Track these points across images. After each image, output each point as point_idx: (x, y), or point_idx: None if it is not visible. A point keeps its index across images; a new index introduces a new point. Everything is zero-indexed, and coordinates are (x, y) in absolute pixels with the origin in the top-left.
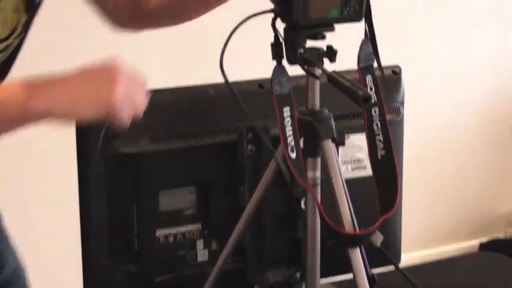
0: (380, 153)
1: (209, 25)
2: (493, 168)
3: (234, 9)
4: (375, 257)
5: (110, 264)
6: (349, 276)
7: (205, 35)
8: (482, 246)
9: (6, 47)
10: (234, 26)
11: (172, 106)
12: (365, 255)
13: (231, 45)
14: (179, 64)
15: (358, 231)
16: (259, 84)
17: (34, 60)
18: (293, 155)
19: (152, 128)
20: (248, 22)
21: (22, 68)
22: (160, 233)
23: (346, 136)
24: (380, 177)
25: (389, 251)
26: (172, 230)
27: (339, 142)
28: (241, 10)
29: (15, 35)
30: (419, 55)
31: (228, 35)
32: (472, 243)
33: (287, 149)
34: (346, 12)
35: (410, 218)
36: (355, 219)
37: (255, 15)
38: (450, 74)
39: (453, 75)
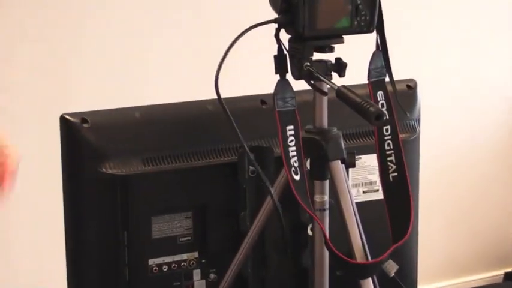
0: (392, 175)
1: (210, 36)
2: None
3: (236, 20)
4: None
5: None
6: None
7: (205, 46)
8: (507, 277)
9: None
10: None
11: (167, 123)
12: (378, 286)
13: (232, 59)
14: (176, 78)
15: (369, 260)
16: (262, 99)
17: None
18: (297, 177)
19: (144, 147)
20: (250, 33)
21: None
22: (153, 262)
23: (357, 157)
24: (392, 202)
25: (404, 282)
26: (167, 259)
27: (349, 163)
28: (243, 22)
29: None
30: (437, 68)
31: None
32: (496, 274)
33: (290, 171)
34: (356, 23)
35: (428, 245)
36: (366, 248)
37: (257, 25)
38: (471, 89)
39: (475, 90)
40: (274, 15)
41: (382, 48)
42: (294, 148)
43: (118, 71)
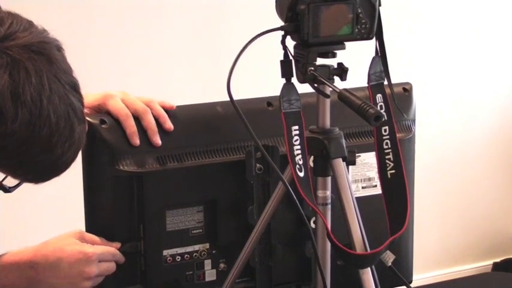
0: (390, 172)
1: (219, 41)
2: (507, 188)
3: (245, 26)
4: (386, 277)
5: (116, 285)
6: None
7: (215, 51)
8: (496, 266)
9: None
10: (244, 43)
11: (180, 124)
12: (376, 275)
13: (240, 63)
14: (188, 81)
15: (368, 251)
16: (268, 102)
17: None
18: (301, 174)
19: (159, 146)
20: (258, 40)
21: None
22: (167, 252)
23: (356, 155)
24: (390, 197)
25: (401, 271)
26: (180, 250)
27: (350, 161)
28: (253, 28)
29: None
30: (431, 72)
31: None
32: (485, 264)
33: (295, 168)
34: (357, 30)
35: (422, 237)
36: (366, 239)
37: (265, 32)
38: (463, 92)
39: (466, 92)
40: (281, 23)
41: (381, 54)
42: (298, 147)
43: (132, 76)
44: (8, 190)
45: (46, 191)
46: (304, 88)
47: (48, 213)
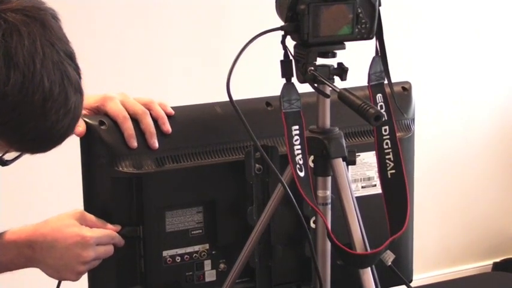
0: (390, 172)
1: (219, 42)
2: (507, 188)
3: (245, 26)
4: (386, 277)
5: (116, 286)
6: None
7: (214, 51)
8: (496, 266)
9: None
10: (244, 43)
11: (179, 125)
12: (376, 275)
13: (240, 63)
14: (187, 81)
15: (368, 251)
16: (267, 102)
17: None
18: (301, 174)
19: (157, 147)
20: (258, 40)
21: None
22: (167, 253)
23: (356, 154)
24: (390, 197)
25: (401, 271)
26: (179, 251)
27: (350, 161)
28: (253, 28)
29: None
30: (431, 71)
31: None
32: (485, 263)
33: (295, 168)
34: (357, 30)
35: (422, 237)
36: (366, 239)
37: (264, 32)
38: (463, 92)
39: (466, 92)
40: (281, 23)
41: (381, 54)
42: (299, 147)
43: (131, 76)
44: (5, 163)
45: (45, 191)
46: (304, 88)
47: (48, 215)
